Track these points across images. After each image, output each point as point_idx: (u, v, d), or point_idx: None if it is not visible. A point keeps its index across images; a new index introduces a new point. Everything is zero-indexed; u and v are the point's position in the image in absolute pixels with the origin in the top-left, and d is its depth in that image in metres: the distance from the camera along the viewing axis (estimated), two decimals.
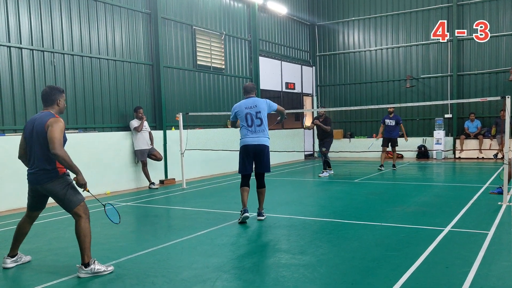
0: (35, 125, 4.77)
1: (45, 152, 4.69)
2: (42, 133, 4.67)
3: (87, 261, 4.67)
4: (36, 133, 4.72)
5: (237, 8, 15.31)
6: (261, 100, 7.05)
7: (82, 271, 4.65)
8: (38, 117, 4.84)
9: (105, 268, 4.74)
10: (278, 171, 14.33)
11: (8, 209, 8.54)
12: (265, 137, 6.97)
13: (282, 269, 4.66)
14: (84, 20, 10.34)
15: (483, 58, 16.82)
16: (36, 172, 4.76)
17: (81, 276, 4.63)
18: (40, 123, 4.71)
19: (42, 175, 4.73)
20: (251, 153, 6.98)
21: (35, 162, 4.77)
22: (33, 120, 4.86)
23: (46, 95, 4.89)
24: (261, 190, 7.18)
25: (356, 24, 19.11)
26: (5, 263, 5.01)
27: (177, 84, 12.81)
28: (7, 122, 8.88)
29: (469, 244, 5.38)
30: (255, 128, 6.91)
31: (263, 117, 6.94)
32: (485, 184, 10.10)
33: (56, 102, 4.90)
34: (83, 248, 4.69)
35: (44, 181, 4.74)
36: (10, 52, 8.94)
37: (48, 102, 4.89)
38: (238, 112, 7.05)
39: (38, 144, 4.72)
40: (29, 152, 4.88)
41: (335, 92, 19.85)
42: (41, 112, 4.89)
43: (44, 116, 4.76)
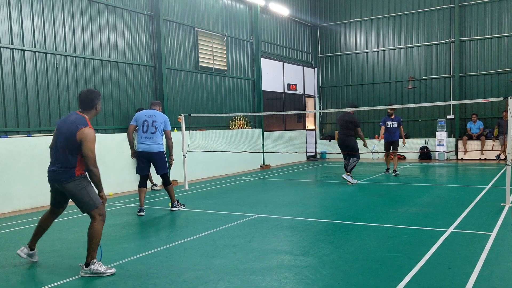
0: (67, 127, 4.76)
1: (68, 155, 4.75)
2: (72, 138, 4.70)
3: (89, 261, 4.72)
4: (65, 136, 4.75)
5: (239, 9, 15.33)
6: (161, 115, 8.00)
7: (82, 270, 4.73)
8: (72, 119, 4.81)
9: (104, 269, 4.73)
10: (280, 172, 14.33)
11: (12, 210, 8.56)
12: (156, 144, 7.86)
13: (285, 271, 4.66)
14: (86, 22, 10.37)
15: (485, 59, 16.80)
16: (56, 170, 4.81)
17: (82, 275, 4.69)
18: (73, 129, 4.70)
19: (61, 174, 4.78)
20: (145, 158, 7.93)
21: (56, 161, 4.83)
22: (66, 121, 4.85)
23: (86, 98, 4.88)
24: (166, 188, 8.14)
25: (358, 25, 19.12)
26: (21, 250, 5.04)
27: (179, 86, 12.83)
28: (9, 124, 8.91)
29: (471, 245, 5.36)
30: (149, 134, 7.84)
31: (158, 127, 7.87)
32: (487, 185, 10.08)
33: (95, 107, 4.93)
34: (89, 249, 4.76)
35: (62, 180, 4.79)
36: (13, 54, 8.97)
37: (87, 106, 4.89)
38: (137, 118, 7.92)
39: (63, 147, 4.77)
40: (53, 149, 4.93)
41: (337, 93, 19.85)
42: (76, 114, 4.87)
43: (79, 122, 4.74)
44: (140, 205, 7.89)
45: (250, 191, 10.64)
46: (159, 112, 8.05)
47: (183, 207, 8.33)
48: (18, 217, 8.05)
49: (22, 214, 8.29)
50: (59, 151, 4.80)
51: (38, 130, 9.35)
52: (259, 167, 15.76)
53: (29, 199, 8.86)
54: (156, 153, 7.87)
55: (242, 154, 13.72)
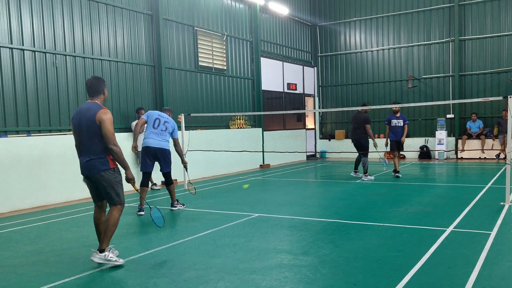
0: (83, 116, 4.90)
1: (97, 142, 4.87)
2: (93, 124, 4.83)
3: (105, 247, 4.90)
4: (86, 124, 4.87)
5: (238, 9, 15.33)
6: (172, 121, 8.16)
7: (97, 255, 4.89)
8: (85, 108, 4.97)
9: (116, 258, 4.92)
10: (280, 172, 14.33)
11: (11, 210, 8.56)
12: (165, 141, 7.93)
13: (285, 270, 4.65)
14: (86, 22, 10.36)
15: (485, 58, 16.80)
16: (88, 161, 4.91)
17: (94, 260, 4.88)
18: (90, 115, 4.85)
19: (97, 164, 4.90)
20: (152, 155, 7.90)
21: (86, 152, 4.93)
22: (80, 112, 4.98)
23: (93, 86, 5.04)
24: (168, 187, 8.18)
25: (358, 24, 19.11)
26: (93, 257, 4.97)
27: (178, 85, 12.82)
28: (9, 124, 8.90)
29: (471, 244, 5.36)
30: (159, 131, 7.86)
31: (169, 128, 7.98)
32: (487, 184, 10.08)
33: (102, 92, 5.08)
34: (107, 236, 4.91)
35: (96, 170, 4.90)
36: (12, 54, 8.96)
37: (95, 93, 5.05)
38: (150, 115, 7.98)
39: (89, 135, 4.88)
40: (79, 142, 5.01)
41: (336, 92, 19.85)
42: (87, 103, 5.03)
43: (92, 108, 4.91)
44: (140, 205, 7.89)
45: (250, 191, 10.64)
46: (171, 118, 8.25)
47: (183, 207, 8.33)
48: (17, 217, 8.04)
49: (21, 214, 8.28)
50: (88, 142, 4.90)
51: (38, 130, 9.35)
52: (259, 167, 15.76)
53: (28, 199, 8.85)
54: (165, 150, 7.94)
55: (242, 153, 13.72)
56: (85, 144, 4.94)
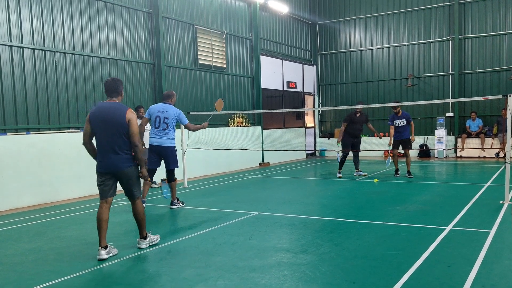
0: (110, 115, 5.16)
1: (124, 140, 5.20)
2: (123, 123, 5.17)
3: (145, 235, 5.53)
4: (115, 123, 5.14)
5: (238, 7, 15.31)
6: (173, 110, 8.01)
7: (142, 242, 5.51)
8: (110, 106, 5.23)
9: (156, 238, 5.72)
10: (280, 170, 14.33)
11: (10, 208, 8.55)
12: (167, 139, 7.93)
13: (284, 268, 4.66)
14: (85, 19, 10.35)
15: (485, 57, 16.80)
16: (115, 158, 5.18)
17: (142, 247, 5.48)
18: (119, 114, 5.17)
19: (123, 160, 5.21)
20: (156, 153, 7.97)
21: (112, 149, 5.17)
22: (104, 109, 5.21)
23: (112, 86, 5.35)
24: (170, 184, 8.13)
25: (358, 22, 19.10)
26: (101, 255, 5.12)
27: (178, 83, 12.81)
28: (8, 122, 8.90)
29: (471, 243, 5.37)
30: (160, 130, 7.91)
31: (169, 123, 7.94)
32: (486, 183, 10.09)
33: (120, 93, 5.42)
34: (142, 225, 5.48)
35: (124, 166, 5.22)
36: (12, 52, 8.95)
37: (114, 93, 5.36)
38: (151, 112, 7.98)
39: (118, 133, 5.16)
40: (103, 140, 5.19)
41: (336, 91, 19.84)
42: (110, 102, 5.29)
43: (119, 107, 5.24)
44: (142, 198, 7.79)
45: (249, 189, 10.64)
46: (172, 107, 8.05)
47: (182, 205, 8.33)
48: (16, 214, 8.04)
49: (20, 212, 8.28)
50: (116, 139, 5.16)
51: (37, 128, 9.34)
52: (258, 165, 15.76)
53: (27, 197, 8.84)
54: (168, 148, 7.93)
55: (241, 152, 13.71)
56: (110, 141, 5.16)
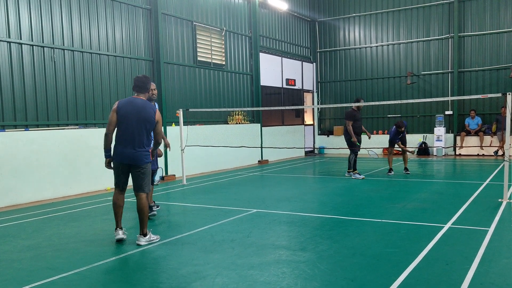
0: (141, 112, 5.46)
1: (148, 137, 5.55)
2: (151, 121, 5.53)
3: (146, 231, 5.55)
4: (145, 119, 5.47)
5: (237, 4, 15.27)
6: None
7: (142, 239, 5.52)
8: (143, 104, 5.54)
9: (155, 237, 5.69)
10: (279, 168, 14.33)
11: (9, 204, 8.54)
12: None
13: (283, 266, 4.66)
14: (84, 16, 10.31)
15: (484, 55, 16.79)
16: (136, 152, 5.47)
17: (141, 244, 5.47)
18: (149, 112, 5.51)
19: (143, 155, 5.51)
20: None
21: (135, 143, 5.46)
22: (138, 105, 5.49)
23: (142, 83, 5.63)
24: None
25: (357, 20, 19.07)
26: (119, 235, 5.58)
27: (177, 80, 12.79)
28: (7, 118, 8.87)
29: (469, 241, 5.37)
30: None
31: None
32: (485, 181, 10.10)
33: (148, 90, 5.73)
34: (144, 221, 5.55)
35: (143, 161, 5.53)
36: (10, 48, 8.91)
37: (143, 90, 5.63)
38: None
39: (145, 129, 5.50)
40: (127, 132, 5.46)
41: (335, 88, 19.83)
42: (139, 99, 5.56)
43: (151, 106, 5.59)
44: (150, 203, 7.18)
45: (248, 186, 10.64)
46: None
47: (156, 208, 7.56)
48: (14, 211, 8.03)
49: (19, 209, 8.27)
50: (142, 135, 5.48)
51: (36, 124, 9.32)
52: (257, 162, 15.76)
53: (26, 193, 8.83)
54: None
55: (240, 149, 13.71)
56: (136, 136, 5.46)
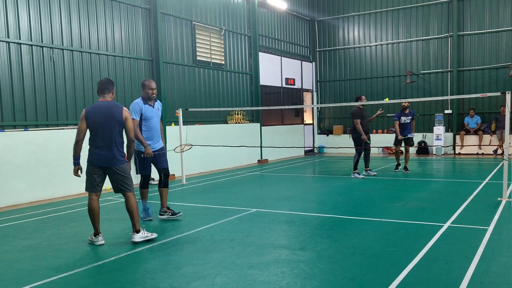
0: (109, 112, 5.50)
1: (120, 137, 5.58)
2: (121, 121, 5.55)
3: (138, 228, 5.63)
4: (114, 120, 5.50)
5: (236, 3, 15.26)
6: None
7: (136, 236, 5.58)
8: (108, 105, 5.57)
9: (150, 234, 5.71)
10: (278, 167, 14.33)
11: (8, 204, 8.54)
12: None
13: (282, 265, 4.66)
14: (83, 16, 10.31)
15: (483, 54, 16.79)
16: (110, 154, 5.50)
17: (136, 241, 5.55)
18: (117, 112, 5.54)
19: (118, 157, 5.55)
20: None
21: (109, 145, 5.49)
22: (103, 108, 5.54)
23: (104, 84, 5.69)
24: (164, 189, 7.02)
25: (356, 19, 19.07)
26: (99, 241, 5.60)
27: (176, 80, 12.79)
28: (6, 118, 8.87)
29: (468, 240, 5.38)
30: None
31: None
32: (484, 180, 10.10)
33: (112, 92, 5.74)
34: (135, 218, 5.63)
35: (118, 163, 5.55)
36: (9, 48, 8.91)
37: (106, 90, 5.68)
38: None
39: (116, 130, 5.53)
40: (98, 135, 5.49)
41: (335, 87, 19.82)
42: (105, 101, 5.62)
43: (116, 106, 5.61)
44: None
45: (247, 186, 10.65)
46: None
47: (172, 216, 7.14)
48: (14, 211, 8.03)
49: (19, 209, 8.27)
50: (113, 136, 5.50)
51: (35, 124, 9.32)
52: (256, 162, 15.77)
53: (26, 193, 8.83)
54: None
55: (240, 148, 13.71)
56: (110, 138, 5.49)
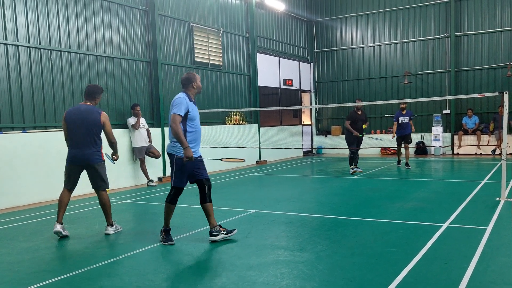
0: (86, 115, 5.99)
1: (96, 138, 6.05)
2: (97, 123, 6.02)
3: (111, 222, 6.24)
4: (91, 122, 5.98)
5: (234, 4, 15.27)
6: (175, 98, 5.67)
7: (110, 229, 6.20)
8: (87, 109, 6.07)
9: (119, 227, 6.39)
10: (277, 168, 14.33)
11: (6, 207, 8.51)
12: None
13: (281, 266, 4.65)
14: (81, 17, 10.30)
15: (481, 54, 16.83)
16: (87, 153, 6.02)
17: (109, 233, 6.16)
18: (95, 116, 6.01)
19: (93, 156, 6.05)
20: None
21: (85, 145, 6.00)
22: (82, 111, 6.05)
23: (92, 90, 6.17)
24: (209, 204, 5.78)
25: (354, 20, 19.09)
26: (56, 228, 5.99)
27: (174, 81, 12.78)
28: (4, 120, 8.85)
29: (467, 240, 5.38)
30: None
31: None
32: (483, 180, 10.11)
33: (95, 99, 6.19)
34: (108, 213, 6.20)
35: (94, 161, 6.07)
36: (7, 50, 8.89)
37: (90, 97, 6.16)
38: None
39: (92, 132, 6.01)
40: (76, 136, 6.01)
41: (333, 88, 19.84)
42: (85, 104, 6.13)
43: (94, 110, 6.08)
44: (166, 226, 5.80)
45: (246, 187, 10.64)
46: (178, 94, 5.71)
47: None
48: (12, 213, 8.01)
49: (17, 211, 8.25)
50: (86, 137, 5.98)
51: (33, 126, 9.30)
52: (255, 163, 15.76)
53: (24, 195, 8.81)
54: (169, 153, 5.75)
55: (238, 149, 13.69)
56: (83, 139, 5.99)
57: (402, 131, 12.99)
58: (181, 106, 5.44)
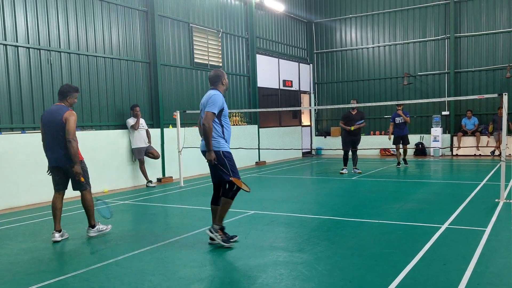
0: (53, 116, 5.75)
1: (63, 139, 5.71)
2: (60, 123, 5.69)
3: (93, 223, 6.07)
4: (55, 123, 5.71)
5: (234, 5, 15.28)
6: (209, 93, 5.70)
7: (91, 231, 6.05)
8: (54, 109, 5.83)
9: (105, 227, 6.19)
10: (276, 169, 14.32)
11: (5, 208, 8.51)
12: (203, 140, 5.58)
13: (280, 267, 4.65)
14: (80, 18, 10.30)
15: (480, 55, 16.84)
16: (57, 156, 5.78)
17: (91, 235, 6.01)
18: (59, 114, 5.72)
19: (63, 158, 5.76)
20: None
21: (56, 147, 5.76)
22: (50, 112, 5.84)
23: (61, 90, 5.94)
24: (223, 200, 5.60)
25: (353, 21, 19.11)
26: (54, 237, 5.86)
27: (174, 82, 12.78)
28: (3, 121, 8.85)
29: (466, 241, 5.38)
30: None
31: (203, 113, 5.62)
32: (482, 181, 10.12)
33: (66, 98, 5.91)
34: (90, 214, 6.03)
35: (64, 164, 5.79)
36: (6, 51, 8.89)
37: (61, 96, 5.93)
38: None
39: (58, 133, 5.72)
40: (47, 138, 5.84)
41: (332, 89, 19.85)
42: (56, 105, 5.92)
43: (60, 109, 5.79)
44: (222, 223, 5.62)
45: None
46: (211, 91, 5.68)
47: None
48: (11, 214, 8.00)
49: (16, 212, 8.24)
50: (55, 139, 5.75)
51: (32, 127, 9.29)
52: (254, 164, 15.76)
53: (23, 196, 8.80)
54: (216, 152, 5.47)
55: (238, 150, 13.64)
56: (53, 140, 5.77)
57: (399, 131, 13.43)
58: (216, 104, 5.42)
